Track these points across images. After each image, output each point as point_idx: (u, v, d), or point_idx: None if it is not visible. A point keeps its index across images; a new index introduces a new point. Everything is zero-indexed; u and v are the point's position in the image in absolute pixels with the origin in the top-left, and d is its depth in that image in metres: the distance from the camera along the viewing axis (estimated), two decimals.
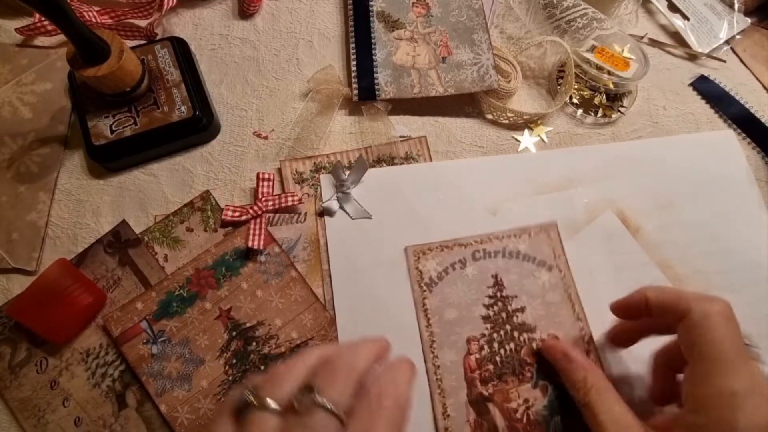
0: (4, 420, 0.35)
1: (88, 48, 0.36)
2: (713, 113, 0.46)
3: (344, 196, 0.40)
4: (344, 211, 0.40)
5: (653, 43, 0.50)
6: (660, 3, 0.51)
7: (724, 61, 0.49)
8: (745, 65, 0.49)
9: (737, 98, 0.46)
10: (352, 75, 0.44)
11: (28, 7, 0.32)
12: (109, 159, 0.41)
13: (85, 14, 0.45)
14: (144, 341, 0.36)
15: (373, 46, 0.45)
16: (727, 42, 0.50)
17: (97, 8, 0.46)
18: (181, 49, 0.44)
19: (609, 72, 0.45)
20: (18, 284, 0.38)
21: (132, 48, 0.40)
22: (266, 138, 0.44)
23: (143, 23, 0.46)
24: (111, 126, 0.40)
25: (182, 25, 0.48)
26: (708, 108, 0.47)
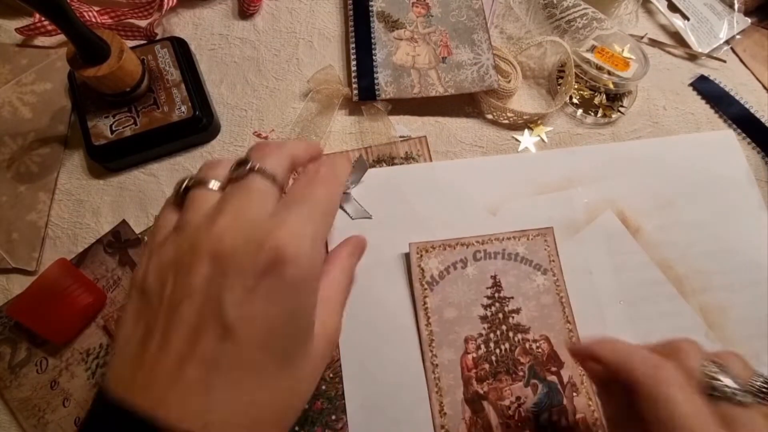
0: (4, 420, 0.35)
1: (88, 48, 0.36)
2: (713, 113, 0.46)
3: (344, 196, 0.40)
4: (344, 211, 0.40)
5: (653, 43, 0.50)
6: (660, 3, 0.51)
7: (724, 61, 0.48)
8: (745, 65, 0.49)
9: (737, 98, 0.46)
10: (352, 75, 0.44)
11: (28, 7, 0.32)
12: (109, 159, 0.41)
13: (85, 14, 0.45)
14: None
15: (373, 46, 0.45)
16: (727, 42, 0.50)
17: (97, 8, 0.46)
18: (181, 49, 0.44)
19: (609, 72, 0.45)
20: (18, 284, 0.38)
21: (132, 48, 0.40)
22: (266, 138, 0.44)
23: (143, 23, 0.46)
24: (111, 126, 0.40)
25: (182, 25, 0.48)
26: (708, 108, 0.47)
